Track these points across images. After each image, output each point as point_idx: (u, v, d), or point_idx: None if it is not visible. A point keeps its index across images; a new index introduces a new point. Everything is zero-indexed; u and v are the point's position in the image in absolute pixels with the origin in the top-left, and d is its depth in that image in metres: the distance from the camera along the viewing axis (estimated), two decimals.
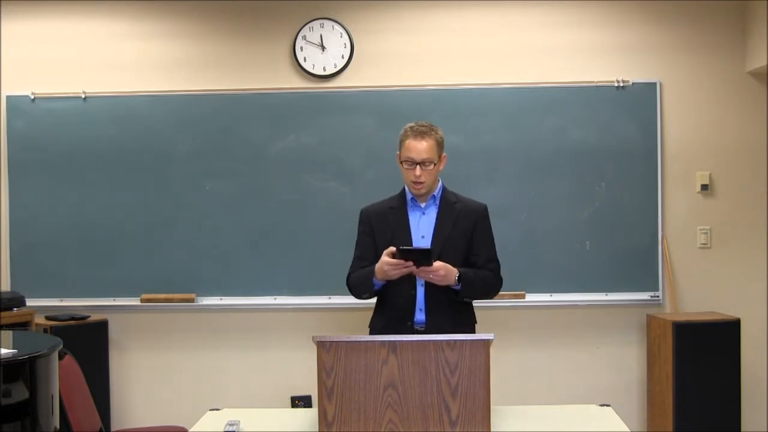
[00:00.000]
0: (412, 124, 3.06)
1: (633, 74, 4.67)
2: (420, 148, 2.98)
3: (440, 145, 3.05)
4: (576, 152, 4.65)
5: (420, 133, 3.00)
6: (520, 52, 4.72)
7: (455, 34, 4.73)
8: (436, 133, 3.04)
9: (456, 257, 3.02)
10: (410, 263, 2.86)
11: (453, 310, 3.06)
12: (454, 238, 3.05)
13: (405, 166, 3.03)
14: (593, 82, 4.67)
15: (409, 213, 3.11)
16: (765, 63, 4.45)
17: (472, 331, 3.13)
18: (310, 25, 4.74)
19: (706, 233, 4.71)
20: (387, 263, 2.89)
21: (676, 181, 4.70)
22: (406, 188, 3.12)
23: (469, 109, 4.66)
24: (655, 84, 4.66)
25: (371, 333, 3.12)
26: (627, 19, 4.71)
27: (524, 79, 4.68)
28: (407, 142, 3.01)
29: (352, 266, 3.17)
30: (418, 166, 2.98)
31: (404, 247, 2.89)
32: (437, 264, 2.90)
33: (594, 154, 4.65)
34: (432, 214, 3.10)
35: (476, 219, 3.11)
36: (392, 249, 2.89)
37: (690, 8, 4.69)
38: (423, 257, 2.87)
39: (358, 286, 3.11)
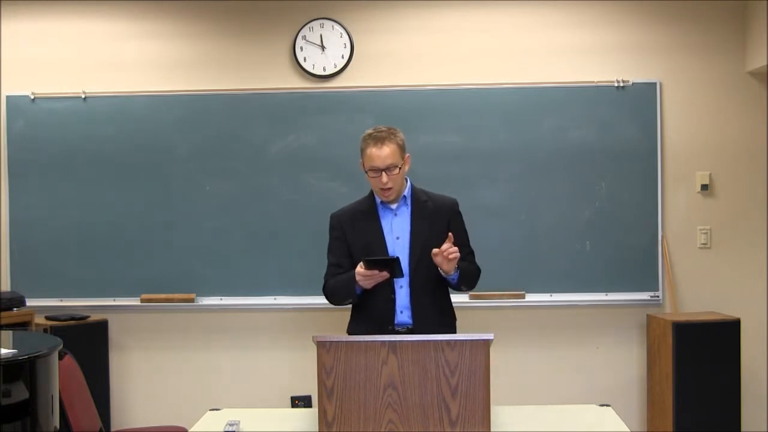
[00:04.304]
0: (370, 131, 3.02)
1: (633, 74, 4.67)
2: (382, 155, 2.95)
3: (402, 147, 3.01)
4: (576, 152, 4.65)
5: (379, 139, 2.97)
6: (520, 52, 4.72)
7: (455, 34, 4.73)
8: (396, 136, 3.00)
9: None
10: (384, 272, 2.86)
11: (437, 310, 3.07)
12: (431, 238, 3.00)
13: (370, 174, 3.00)
14: (593, 82, 4.67)
15: (381, 216, 3.09)
16: (765, 63, 4.45)
17: (454, 327, 3.13)
18: (310, 25, 4.74)
19: (706, 233, 4.71)
20: (359, 274, 2.89)
21: (676, 181, 4.70)
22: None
23: (469, 109, 4.66)
24: (655, 84, 4.66)
25: None
26: (627, 19, 4.71)
27: (524, 79, 4.68)
28: (368, 150, 2.98)
29: (327, 273, 3.14)
30: (383, 173, 2.96)
31: (369, 258, 2.89)
32: (448, 246, 2.86)
33: (594, 154, 4.65)
34: (404, 215, 3.08)
35: (450, 216, 3.10)
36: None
37: (690, 8, 4.69)
38: (391, 266, 2.86)
39: (339, 291, 3.08)
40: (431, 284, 3.04)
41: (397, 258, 2.88)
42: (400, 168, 2.99)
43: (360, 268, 2.89)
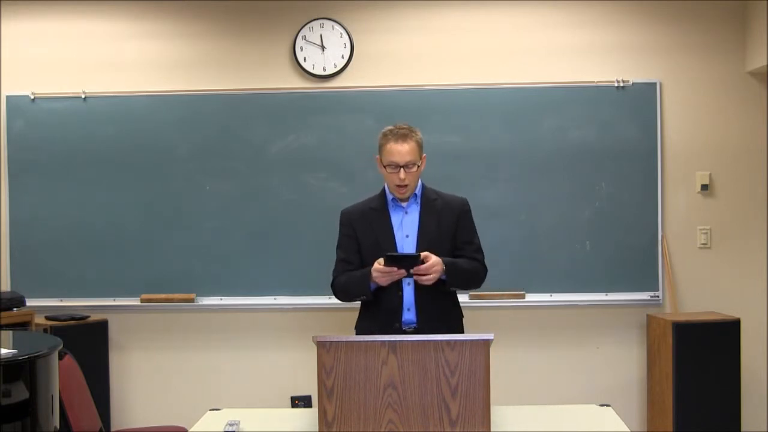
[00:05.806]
0: (391, 128, 3.04)
1: (633, 74, 4.67)
2: (402, 150, 2.97)
3: (421, 146, 3.04)
4: (576, 152, 4.65)
5: (401, 136, 2.98)
6: (520, 52, 4.72)
7: (455, 34, 4.73)
8: (416, 135, 3.03)
9: (441, 254, 3.02)
10: (402, 270, 2.86)
11: (441, 308, 3.07)
12: (440, 236, 3.04)
13: (388, 170, 3.00)
14: (593, 82, 4.67)
15: (392, 213, 3.09)
16: (765, 63, 4.45)
17: (461, 327, 3.13)
18: (310, 25, 4.74)
19: (706, 233, 4.71)
20: (376, 270, 2.89)
21: (676, 181, 4.70)
22: (387, 188, 3.11)
23: (469, 109, 4.66)
24: (655, 84, 4.66)
25: None
26: (627, 19, 4.71)
27: (524, 79, 4.68)
28: (388, 146, 2.99)
29: (335, 269, 3.15)
30: (401, 170, 2.97)
31: (391, 254, 2.89)
32: (432, 260, 2.89)
33: (594, 154, 4.65)
34: (414, 213, 3.09)
35: (458, 214, 3.11)
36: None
37: (690, 8, 4.69)
38: (411, 263, 2.86)
39: (351, 288, 3.08)
40: (436, 282, 3.02)
41: (419, 255, 2.88)
42: (418, 166, 3.00)
43: (378, 265, 2.89)
